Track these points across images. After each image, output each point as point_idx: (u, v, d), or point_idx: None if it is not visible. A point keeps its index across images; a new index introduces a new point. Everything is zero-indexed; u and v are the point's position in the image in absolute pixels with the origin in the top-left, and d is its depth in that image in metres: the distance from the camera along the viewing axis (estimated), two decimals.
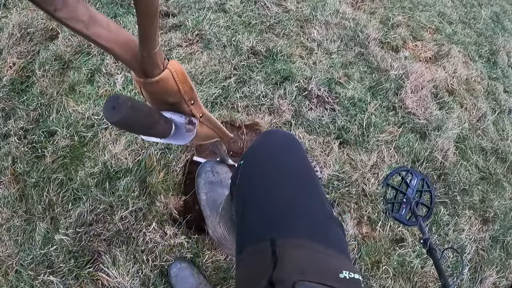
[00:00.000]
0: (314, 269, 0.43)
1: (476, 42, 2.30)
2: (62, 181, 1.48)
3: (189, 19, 1.84)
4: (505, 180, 1.78)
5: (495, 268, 1.58)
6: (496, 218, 1.68)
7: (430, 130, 1.78)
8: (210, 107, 1.61)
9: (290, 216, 0.50)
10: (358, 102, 1.78)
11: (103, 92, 1.64)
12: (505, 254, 1.64)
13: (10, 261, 1.36)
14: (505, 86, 2.12)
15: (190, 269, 1.31)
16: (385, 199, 1.62)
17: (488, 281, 1.55)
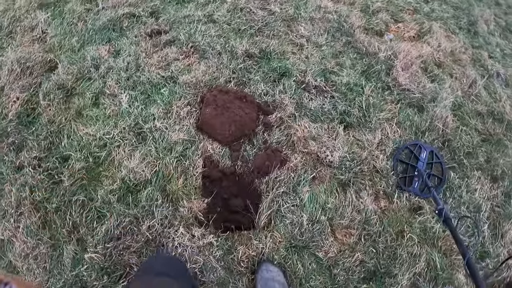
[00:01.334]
0: None
1: (454, 16, 2.49)
2: (83, 202, 1.55)
3: (181, 33, 1.97)
4: (506, 139, 1.90)
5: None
6: (504, 175, 1.79)
7: (426, 102, 1.91)
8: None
9: None
10: (354, 87, 1.91)
11: (110, 112, 1.74)
12: None
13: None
14: (489, 52, 2.29)
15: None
16: (396, 174, 1.70)
17: (508, 235, 1.65)
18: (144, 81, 1.81)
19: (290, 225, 1.51)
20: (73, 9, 2.11)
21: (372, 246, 1.51)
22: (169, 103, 1.72)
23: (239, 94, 1.71)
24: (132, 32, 1.98)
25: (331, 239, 1.52)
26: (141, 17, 2.04)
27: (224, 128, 1.63)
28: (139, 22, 2.02)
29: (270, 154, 1.62)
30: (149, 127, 1.68)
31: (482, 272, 1.55)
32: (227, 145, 1.65)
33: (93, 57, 1.89)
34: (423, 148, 1.79)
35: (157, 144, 1.63)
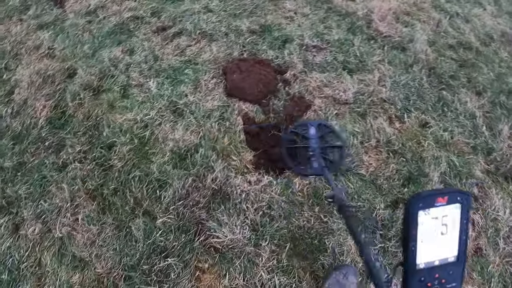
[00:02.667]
0: None
1: None
2: (140, 177, 1.70)
3: (187, 24, 2.24)
4: (479, 61, 2.34)
5: (504, 121, 2.07)
6: (486, 88, 2.19)
7: (406, 43, 2.31)
8: None
9: None
10: (345, 41, 2.27)
11: (143, 99, 1.93)
12: (505, 110, 2.15)
13: (114, 272, 1.50)
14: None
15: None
16: (290, 162, 1.66)
17: (504, 130, 2.02)
18: (166, 67, 2.03)
19: None
20: (75, 23, 2.29)
21: (401, 156, 1.81)
22: (196, 79, 1.95)
23: (257, 59, 1.99)
24: (140, 31, 2.21)
25: (367, 157, 1.80)
26: (144, 17, 2.28)
27: (253, 88, 1.89)
28: (143, 23, 2.26)
29: (297, 101, 1.90)
30: (183, 102, 1.88)
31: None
32: (257, 102, 1.91)
33: (109, 58, 2.08)
34: (309, 125, 1.72)
35: (195, 114, 1.84)
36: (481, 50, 2.40)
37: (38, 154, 1.80)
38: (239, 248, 1.52)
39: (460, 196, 0.58)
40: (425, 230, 0.58)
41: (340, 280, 1.38)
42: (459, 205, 0.58)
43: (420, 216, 0.57)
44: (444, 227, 0.59)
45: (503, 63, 2.36)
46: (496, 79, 2.24)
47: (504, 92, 2.19)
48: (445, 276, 0.60)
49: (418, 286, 0.60)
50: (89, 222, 1.61)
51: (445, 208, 0.58)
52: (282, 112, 1.87)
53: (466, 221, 0.58)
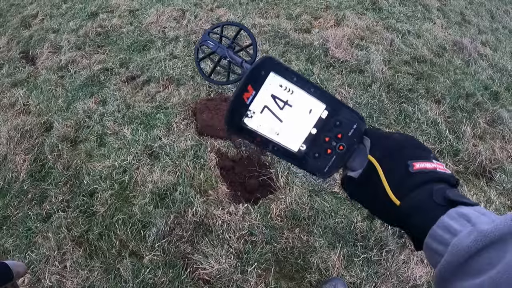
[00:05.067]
0: None
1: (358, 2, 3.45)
2: (123, 220, 1.89)
3: (154, 71, 2.56)
4: (434, 72, 2.71)
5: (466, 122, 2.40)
6: (444, 95, 2.53)
7: (363, 65, 2.67)
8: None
9: None
10: (305, 71, 2.60)
11: (119, 145, 2.17)
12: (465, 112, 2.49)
13: None
14: (396, 19, 3.24)
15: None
16: (203, 75, 2.02)
17: (467, 131, 2.33)
18: (138, 114, 2.29)
19: (303, 177, 2.03)
20: (47, 78, 2.55)
21: None
22: (168, 123, 2.22)
23: (223, 97, 2.29)
24: (111, 82, 2.49)
25: (338, 176, 2.08)
26: (113, 69, 2.56)
27: (222, 125, 2.18)
28: (113, 74, 2.55)
29: None
30: (158, 145, 2.12)
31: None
32: (228, 138, 2.18)
33: (83, 109, 2.34)
34: (205, 38, 1.98)
35: (170, 156, 2.08)
36: (435, 61, 2.79)
37: (21, 207, 1.96)
38: (227, 276, 1.66)
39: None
40: (265, 121, 0.49)
41: None
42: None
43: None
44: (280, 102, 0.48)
45: (458, 70, 2.74)
46: (453, 85, 2.60)
47: (462, 97, 2.54)
48: (336, 131, 0.50)
49: (316, 162, 0.51)
50: (77, 268, 1.72)
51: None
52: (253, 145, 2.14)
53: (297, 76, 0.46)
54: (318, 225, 1.82)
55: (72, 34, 2.82)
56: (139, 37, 2.73)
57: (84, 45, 2.70)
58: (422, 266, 1.73)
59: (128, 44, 2.67)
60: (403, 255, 1.74)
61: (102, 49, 2.68)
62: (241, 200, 1.92)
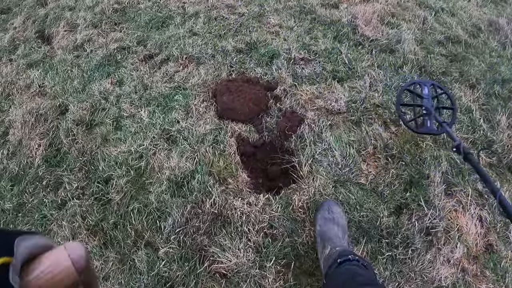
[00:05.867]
0: None
1: None
2: (139, 209, 1.69)
3: (173, 49, 2.27)
4: (468, 54, 2.34)
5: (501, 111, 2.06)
6: (479, 80, 2.19)
7: (394, 45, 2.32)
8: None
9: None
10: (332, 50, 2.28)
11: (135, 129, 1.94)
12: (501, 100, 2.14)
13: None
14: None
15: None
16: (403, 119, 1.75)
17: (502, 121, 2.00)
18: (156, 96, 2.04)
19: (328, 166, 1.76)
20: (63, 59, 2.32)
21: (400, 160, 1.80)
22: (186, 105, 1.96)
23: (245, 78, 2.00)
24: (127, 61, 2.23)
25: (365, 166, 1.79)
26: (130, 47, 2.30)
27: (244, 107, 1.89)
28: (130, 52, 2.28)
29: (289, 116, 1.90)
30: (176, 129, 1.88)
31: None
32: (250, 122, 1.91)
33: (99, 91, 2.10)
34: (422, 85, 1.78)
35: (189, 140, 1.84)
36: (470, 43, 2.40)
37: (37, 194, 1.81)
38: (244, 271, 1.49)
39: None
40: None
41: (327, 216, 1.45)
42: None
43: None
44: None
45: (493, 53, 2.36)
46: (488, 69, 2.23)
47: (497, 82, 2.18)
48: None
49: None
50: (92, 258, 1.59)
51: None
52: (276, 129, 1.87)
53: None
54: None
55: (89, 11, 2.54)
56: (157, 13, 2.43)
57: (100, 22, 2.43)
58: (448, 266, 1.48)
59: (146, 21, 2.38)
60: (429, 255, 1.53)
61: (119, 27, 2.41)
62: (262, 190, 1.68)
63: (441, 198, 1.68)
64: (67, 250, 0.35)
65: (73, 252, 0.34)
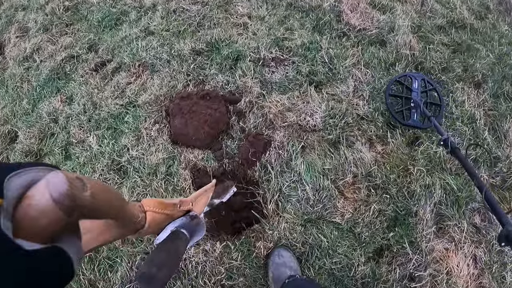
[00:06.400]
0: None
1: None
2: (90, 257, 1.38)
3: (124, 56, 1.78)
4: (475, 42, 1.75)
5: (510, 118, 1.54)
6: (486, 77, 1.64)
7: (385, 35, 1.74)
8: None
9: None
10: (310, 45, 1.73)
11: (84, 160, 1.56)
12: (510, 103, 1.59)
13: None
14: None
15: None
16: (392, 109, 1.53)
17: (510, 133, 1.51)
18: (106, 116, 1.62)
19: (297, 202, 1.36)
20: (13, 73, 1.89)
21: (385, 192, 1.36)
22: (136, 129, 1.54)
23: (201, 93, 1.53)
24: (77, 73, 1.79)
25: (342, 200, 1.36)
26: (80, 55, 1.84)
27: (198, 132, 1.46)
28: (80, 61, 1.82)
29: (252, 140, 1.46)
30: (126, 159, 1.50)
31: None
32: (207, 147, 1.48)
33: (48, 112, 1.70)
34: (413, 78, 1.60)
35: (140, 172, 1.46)
36: (476, 27, 1.79)
37: None
38: None
39: None
40: None
41: (278, 260, 1.27)
42: None
43: None
44: None
45: (503, 39, 1.75)
46: (497, 61, 1.66)
47: (508, 78, 1.63)
48: None
49: None
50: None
51: None
52: (237, 155, 1.44)
53: None
54: (312, 265, 1.22)
55: (40, 12, 2.04)
56: (111, 8, 1.91)
57: (51, 25, 1.95)
58: None
59: (98, 19, 1.88)
60: None
61: (70, 29, 1.92)
62: (222, 233, 1.31)
63: (430, 239, 1.26)
64: (47, 186, 0.25)
65: (52, 187, 0.24)
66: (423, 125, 1.50)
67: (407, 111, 1.54)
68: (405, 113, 1.54)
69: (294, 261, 1.28)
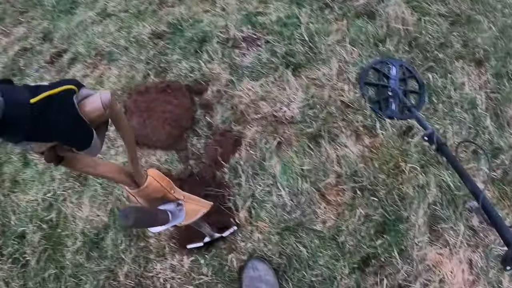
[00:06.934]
0: None
1: None
2: (56, 274, 1.07)
3: (79, 45, 1.28)
4: (475, 13, 1.24)
5: None
6: (488, 54, 1.18)
7: (374, 5, 1.25)
8: None
9: None
10: (288, 20, 1.24)
11: (43, 168, 1.15)
12: None
13: None
14: None
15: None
16: (369, 99, 1.19)
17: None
18: None
19: (272, 209, 0.97)
20: None
21: (372, 194, 0.96)
22: None
23: (160, 86, 1.10)
24: (32, 67, 1.31)
25: (324, 204, 0.98)
26: (34, 47, 1.36)
27: (159, 133, 1.05)
28: (35, 54, 1.35)
29: (220, 139, 1.05)
30: None
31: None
32: (170, 148, 1.06)
33: None
34: (391, 64, 1.22)
35: (100, 179, 1.05)
36: None
37: None
38: None
39: None
40: None
41: (252, 274, 0.99)
42: None
43: None
44: None
45: (507, 9, 1.21)
46: (500, 35, 1.17)
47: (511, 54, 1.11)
48: None
49: None
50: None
51: None
52: (204, 156, 1.02)
53: None
54: (290, 277, 0.89)
55: None
56: None
57: (4, 14, 1.39)
58: None
59: (53, 3, 1.37)
60: None
61: (24, 16, 1.38)
62: (194, 240, 0.95)
63: (422, 247, 0.88)
64: (100, 96, 0.37)
65: (103, 96, 0.37)
66: (402, 116, 1.17)
67: (384, 101, 1.19)
68: (383, 103, 1.19)
69: (271, 274, 1.00)
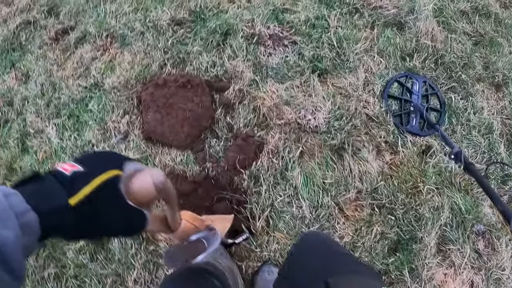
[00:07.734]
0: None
1: None
2: (56, 274, 0.75)
3: (90, 24, 0.85)
4: (498, 35, 0.98)
5: None
6: (507, 79, 0.94)
7: (404, 16, 0.93)
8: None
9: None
10: (316, 22, 0.91)
11: (43, 155, 0.80)
12: None
13: None
14: None
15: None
16: (390, 112, 0.93)
17: None
18: (66, 101, 0.84)
19: (291, 220, 0.69)
20: None
21: (390, 213, 0.69)
22: (102, 121, 0.78)
23: (180, 80, 0.76)
24: (34, 43, 0.93)
25: (342, 220, 0.70)
26: (38, 21, 0.94)
27: (177, 131, 0.72)
28: (38, 29, 0.92)
29: (242, 144, 0.74)
30: None
31: None
32: (187, 148, 0.71)
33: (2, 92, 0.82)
34: (414, 79, 0.96)
35: None
36: (501, 18, 0.94)
37: None
38: None
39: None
40: None
41: (267, 277, 0.75)
42: None
43: None
44: None
45: None
46: None
47: None
48: None
49: None
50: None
51: None
52: (223, 160, 0.68)
53: None
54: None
55: None
56: None
57: None
58: None
59: None
60: None
61: None
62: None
63: (431, 267, 0.62)
64: (152, 176, 0.28)
65: (155, 177, 0.27)
66: (422, 132, 0.93)
67: (405, 115, 0.95)
68: (404, 117, 0.95)
69: None
